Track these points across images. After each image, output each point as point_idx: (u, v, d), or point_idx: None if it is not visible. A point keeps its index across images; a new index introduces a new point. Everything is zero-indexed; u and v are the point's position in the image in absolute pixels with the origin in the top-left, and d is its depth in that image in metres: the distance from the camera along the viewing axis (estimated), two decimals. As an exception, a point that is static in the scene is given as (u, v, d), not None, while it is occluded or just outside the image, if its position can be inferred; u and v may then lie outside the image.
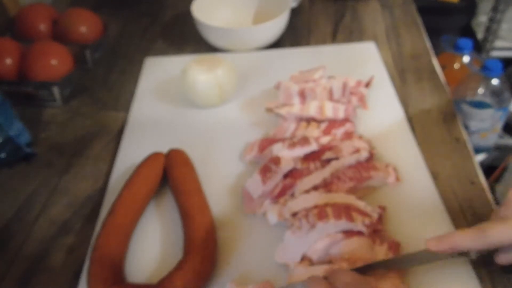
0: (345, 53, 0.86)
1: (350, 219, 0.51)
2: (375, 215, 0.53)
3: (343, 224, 0.51)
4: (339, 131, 0.66)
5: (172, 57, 0.89)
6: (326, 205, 0.54)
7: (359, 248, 0.50)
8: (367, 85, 0.75)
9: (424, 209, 0.56)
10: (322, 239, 0.51)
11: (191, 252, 0.51)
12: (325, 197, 0.55)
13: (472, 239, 0.45)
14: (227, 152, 0.68)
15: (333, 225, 0.51)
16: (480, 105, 0.95)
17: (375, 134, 0.67)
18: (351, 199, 0.55)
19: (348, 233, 0.51)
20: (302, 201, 0.55)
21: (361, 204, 0.54)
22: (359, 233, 0.51)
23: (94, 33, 0.89)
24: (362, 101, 0.72)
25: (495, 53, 1.83)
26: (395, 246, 0.51)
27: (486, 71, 0.92)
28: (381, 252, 0.50)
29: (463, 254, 0.47)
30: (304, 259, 0.51)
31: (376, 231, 0.52)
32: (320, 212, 0.51)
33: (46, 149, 0.72)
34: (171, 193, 0.61)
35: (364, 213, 0.53)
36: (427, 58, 0.84)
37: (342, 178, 0.58)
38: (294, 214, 0.54)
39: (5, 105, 0.68)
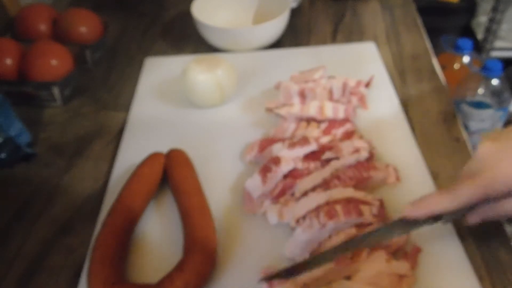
0: (345, 53, 0.86)
1: (360, 213, 0.52)
2: (377, 202, 0.54)
3: (353, 219, 0.52)
4: (339, 131, 0.66)
5: (172, 57, 0.89)
6: (328, 203, 0.54)
7: None
8: (367, 85, 0.75)
9: (424, 209, 0.56)
10: (337, 235, 0.52)
11: (191, 252, 0.51)
12: (324, 196, 0.55)
13: (446, 201, 0.46)
14: (227, 152, 0.68)
15: (344, 223, 0.52)
16: (480, 105, 0.95)
17: (375, 134, 0.67)
18: (350, 192, 0.55)
19: (360, 226, 0.52)
20: (304, 205, 0.55)
21: (360, 194, 0.55)
22: (370, 224, 0.53)
23: (94, 33, 0.89)
24: (362, 101, 0.72)
25: (495, 53, 1.83)
26: None
27: (486, 71, 0.92)
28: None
29: (437, 219, 0.48)
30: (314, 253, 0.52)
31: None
32: (330, 211, 0.52)
33: (46, 149, 0.72)
34: (171, 193, 0.61)
35: (366, 202, 0.54)
36: (427, 58, 0.84)
37: (342, 178, 0.58)
38: (298, 220, 0.54)
39: (5, 105, 0.68)
